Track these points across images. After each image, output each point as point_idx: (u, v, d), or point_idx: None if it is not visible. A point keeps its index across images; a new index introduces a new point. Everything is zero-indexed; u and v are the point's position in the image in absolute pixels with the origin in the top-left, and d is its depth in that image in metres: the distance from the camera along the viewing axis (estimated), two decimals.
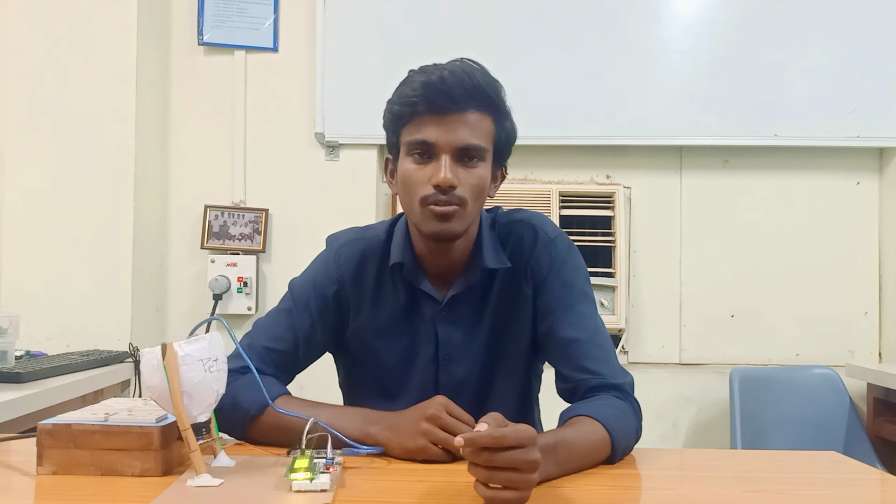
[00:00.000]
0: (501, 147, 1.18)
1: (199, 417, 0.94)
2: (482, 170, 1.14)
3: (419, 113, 1.12)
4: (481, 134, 1.13)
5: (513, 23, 2.68)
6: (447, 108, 1.10)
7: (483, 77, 1.13)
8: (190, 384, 0.91)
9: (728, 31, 2.68)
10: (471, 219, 1.16)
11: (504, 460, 0.82)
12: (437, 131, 1.11)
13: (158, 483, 0.91)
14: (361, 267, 1.26)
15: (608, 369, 1.16)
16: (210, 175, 2.75)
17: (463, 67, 1.12)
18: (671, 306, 2.77)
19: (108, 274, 2.51)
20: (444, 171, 1.10)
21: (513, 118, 1.20)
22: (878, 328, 2.76)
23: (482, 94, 1.12)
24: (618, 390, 1.13)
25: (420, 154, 1.13)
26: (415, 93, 1.11)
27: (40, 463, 0.94)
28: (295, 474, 0.89)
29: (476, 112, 1.12)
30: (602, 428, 1.04)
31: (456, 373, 1.25)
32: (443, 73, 1.11)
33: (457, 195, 1.12)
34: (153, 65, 2.68)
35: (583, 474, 1.00)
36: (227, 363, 0.96)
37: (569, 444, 0.99)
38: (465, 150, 1.12)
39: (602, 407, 1.09)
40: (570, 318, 1.19)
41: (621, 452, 1.07)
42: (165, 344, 0.91)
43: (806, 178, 2.77)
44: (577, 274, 1.23)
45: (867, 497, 1.01)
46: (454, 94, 1.10)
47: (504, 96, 1.17)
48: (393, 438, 1.05)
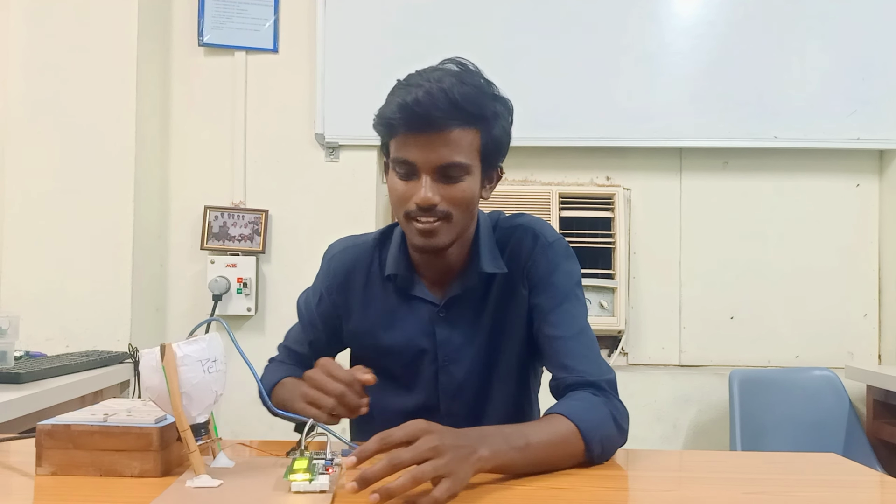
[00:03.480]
0: (491, 154, 1.17)
1: (199, 418, 0.94)
2: (467, 183, 1.14)
3: (398, 133, 1.12)
4: (463, 150, 1.12)
5: (513, 24, 2.69)
6: (425, 129, 1.10)
7: (462, 91, 1.09)
8: (189, 385, 0.91)
9: (728, 32, 2.68)
10: (458, 229, 1.17)
11: (408, 458, 0.84)
12: (416, 152, 1.11)
13: (157, 484, 0.90)
14: (349, 274, 1.31)
15: (587, 366, 1.15)
16: (210, 176, 2.75)
17: (441, 84, 1.09)
18: (671, 308, 2.77)
19: (107, 274, 2.51)
20: (424, 191, 1.11)
21: (507, 117, 1.18)
22: (877, 330, 2.76)
23: (461, 111, 1.09)
24: (593, 387, 1.13)
25: (403, 171, 1.14)
26: (392, 114, 1.11)
27: (39, 463, 0.94)
28: (294, 475, 0.89)
29: (457, 128, 1.10)
30: (566, 420, 1.03)
31: (456, 374, 1.26)
32: (418, 94, 1.08)
33: (439, 211, 1.13)
34: (153, 66, 2.68)
35: (582, 476, 1.00)
36: (225, 364, 0.96)
37: (523, 432, 0.99)
38: (446, 168, 1.12)
39: (569, 402, 1.10)
40: (557, 317, 1.20)
41: (598, 444, 1.04)
42: (164, 345, 0.91)
43: (806, 180, 2.77)
44: (569, 278, 1.24)
45: (866, 499, 1.01)
46: (431, 115, 1.08)
47: (490, 102, 1.14)
48: (291, 404, 1.13)
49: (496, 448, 0.94)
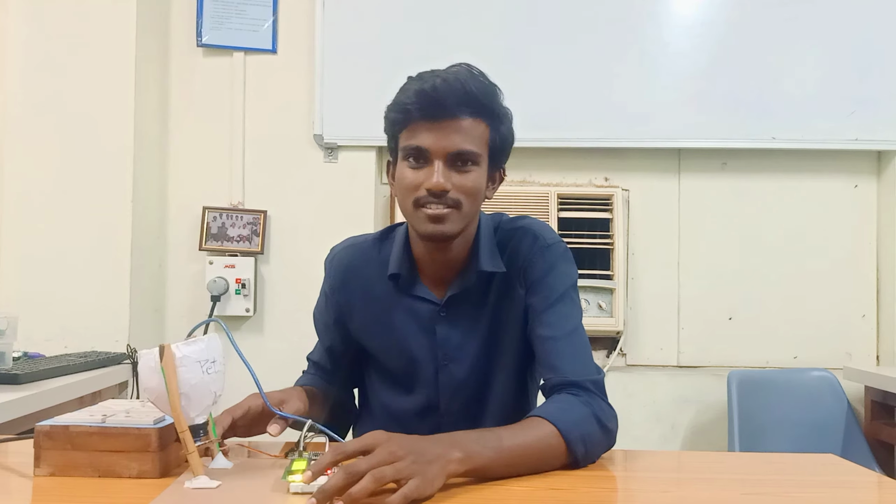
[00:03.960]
0: (497, 150, 1.20)
1: (197, 419, 0.94)
2: (476, 173, 1.17)
3: (413, 119, 1.15)
4: (474, 139, 1.15)
5: (511, 25, 2.69)
6: (440, 115, 1.13)
7: (476, 84, 1.15)
8: (188, 385, 0.91)
9: (726, 33, 2.69)
10: (466, 220, 1.18)
11: (364, 467, 0.83)
12: (430, 137, 1.14)
13: (156, 485, 0.91)
14: (350, 273, 1.32)
15: (574, 367, 1.15)
16: (208, 176, 2.74)
17: (457, 75, 1.14)
18: (669, 309, 2.77)
19: (106, 275, 2.50)
20: (437, 176, 1.13)
21: (511, 122, 1.22)
22: (875, 331, 2.76)
23: (475, 101, 1.14)
24: (577, 387, 1.13)
25: (415, 159, 1.16)
26: (409, 100, 1.14)
27: (37, 464, 0.94)
28: (293, 476, 0.89)
29: (469, 118, 1.14)
30: (544, 421, 1.04)
31: (455, 373, 1.27)
32: (435, 82, 1.13)
33: (450, 198, 1.15)
34: (152, 66, 2.68)
35: (579, 477, 1.00)
36: (224, 364, 0.96)
37: (497, 434, 0.99)
38: (457, 155, 1.14)
39: (548, 405, 1.10)
40: (549, 318, 1.21)
41: (580, 443, 1.03)
42: (163, 345, 0.91)
43: (804, 181, 2.77)
44: (565, 279, 1.24)
45: (864, 499, 1.01)
46: (446, 101, 1.12)
47: (500, 101, 1.19)
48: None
49: (470, 451, 0.93)
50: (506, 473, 0.97)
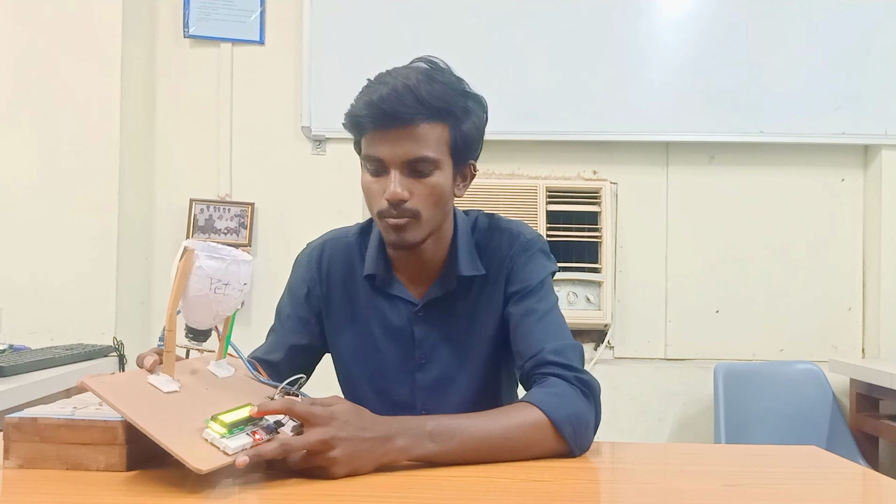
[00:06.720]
0: (460, 149, 1.17)
1: (198, 326, 0.97)
2: (437, 178, 1.14)
3: (367, 130, 1.13)
4: (431, 144, 1.12)
5: (499, 18, 2.68)
6: (391, 125, 1.11)
7: (428, 87, 1.10)
8: (193, 292, 0.93)
9: (714, 27, 2.69)
10: (430, 226, 1.17)
11: (298, 444, 0.88)
12: (384, 148, 1.12)
13: (123, 478, 0.89)
14: (330, 267, 1.30)
15: (552, 343, 1.15)
16: (196, 168, 2.73)
17: (408, 80, 1.10)
18: (657, 302, 2.78)
19: (92, 267, 2.49)
20: (393, 186, 1.12)
21: (479, 113, 1.19)
22: (861, 324, 2.78)
23: (427, 106, 1.10)
24: (555, 366, 1.11)
25: (373, 168, 1.15)
26: (360, 112, 1.13)
27: (7, 457, 0.92)
28: (214, 423, 0.87)
29: (424, 122, 1.11)
30: (528, 404, 1.04)
31: (433, 373, 1.26)
32: (383, 92, 1.10)
33: (408, 208, 1.13)
34: (138, 57, 2.66)
35: (564, 468, 1.00)
36: (243, 292, 0.98)
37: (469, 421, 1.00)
38: (414, 163, 1.12)
39: (533, 391, 1.10)
40: (527, 302, 1.20)
41: (568, 423, 1.03)
42: (188, 249, 0.94)
43: (791, 175, 2.78)
44: (542, 270, 1.24)
45: (845, 491, 1.02)
46: (396, 111, 1.09)
47: (459, 98, 1.15)
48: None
49: (416, 439, 0.95)
50: (476, 459, 0.98)
